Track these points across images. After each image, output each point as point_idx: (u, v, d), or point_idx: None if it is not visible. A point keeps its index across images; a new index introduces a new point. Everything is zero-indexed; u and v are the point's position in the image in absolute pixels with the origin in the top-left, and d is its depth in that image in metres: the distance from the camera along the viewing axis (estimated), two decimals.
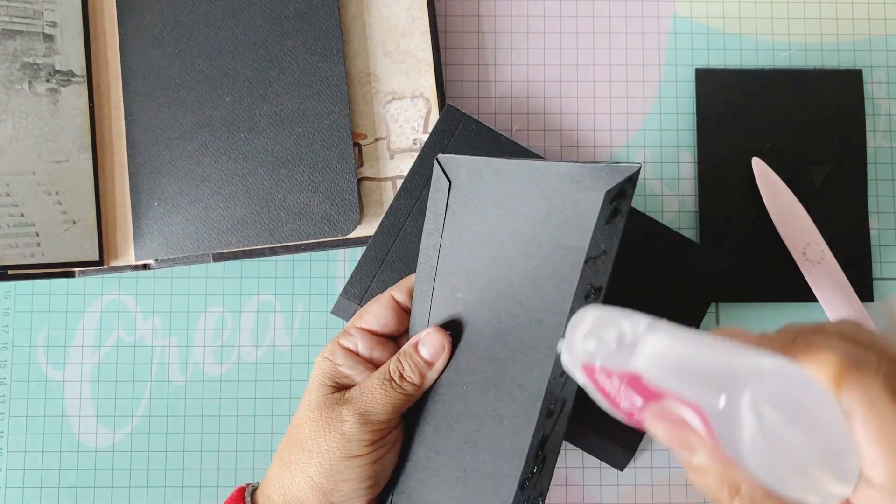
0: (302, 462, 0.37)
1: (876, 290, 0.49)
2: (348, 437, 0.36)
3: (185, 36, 0.49)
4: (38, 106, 0.47)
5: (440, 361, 0.37)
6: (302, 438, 0.37)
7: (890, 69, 0.51)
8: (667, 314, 0.47)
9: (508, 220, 0.37)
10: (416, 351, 0.37)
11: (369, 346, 0.39)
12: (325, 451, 0.36)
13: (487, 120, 0.50)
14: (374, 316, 0.40)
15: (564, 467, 0.48)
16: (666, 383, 0.26)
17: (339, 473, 0.36)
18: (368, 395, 0.37)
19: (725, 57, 0.51)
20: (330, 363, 0.39)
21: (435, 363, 0.37)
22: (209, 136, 0.48)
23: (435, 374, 0.38)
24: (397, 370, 0.37)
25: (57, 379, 0.49)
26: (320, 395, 0.38)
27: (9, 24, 0.47)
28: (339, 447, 0.36)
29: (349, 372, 0.38)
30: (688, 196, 0.50)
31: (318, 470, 0.36)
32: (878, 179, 0.50)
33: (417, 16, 0.49)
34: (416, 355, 0.37)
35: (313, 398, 0.38)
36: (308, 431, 0.37)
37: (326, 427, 0.37)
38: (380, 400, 0.36)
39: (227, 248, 0.48)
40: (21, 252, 0.46)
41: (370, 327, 0.40)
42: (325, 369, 0.39)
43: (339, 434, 0.36)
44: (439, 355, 0.37)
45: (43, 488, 0.48)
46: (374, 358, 0.39)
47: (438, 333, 0.37)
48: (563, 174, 0.35)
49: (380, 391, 0.37)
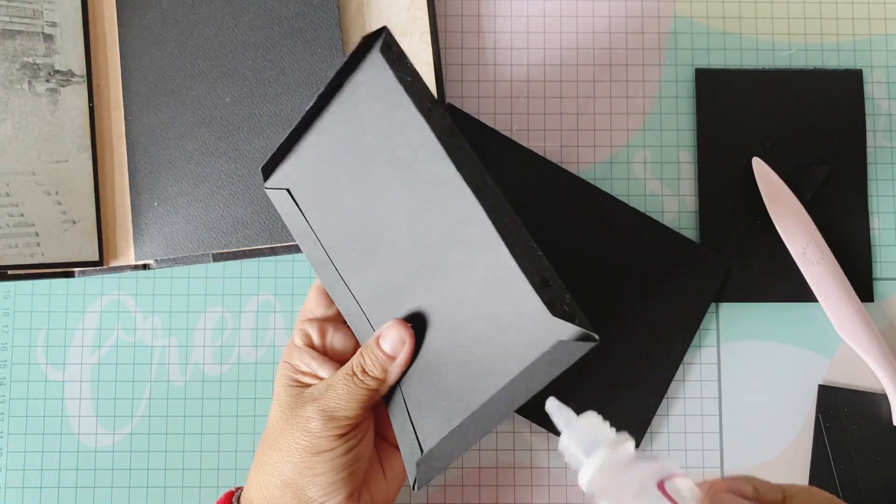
0: (274, 461, 0.37)
1: (876, 290, 0.49)
2: (315, 434, 0.36)
3: (185, 36, 0.49)
4: (37, 106, 0.47)
5: (402, 354, 0.36)
6: (274, 439, 0.38)
7: (890, 69, 0.51)
8: (667, 314, 0.48)
9: (364, 174, 0.37)
10: (377, 345, 0.37)
11: (322, 334, 0.40)
12: (294, 450, 0.36)
13: (487, 120, 0.50)
14: (315, 303, 0.40)
15: (564, 467, 0.48)
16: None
17: (310, 469, 0.36)
18: (332, 392, 0.37)
19: (725, 57, 0.51)
20: (288, 365, 0.39)
21: (397, 356, 0.36)
22: (209, 136, 0.48)
23: (398, 367, 0.37)
24: (359, 365, 0.37)
25: (57, 379, 0.49)
26: (288, 396, 0.38)
27: (9, 24, 0.47)
28: (308, 444, 0.36)
29: (307, 369, 0.39)
30: (688, 196, 0.50)
31: (291, 468, 0.36)
32: (878, 179, 0.50)
33: (417, 16, 0.49)
34: (377, 349, 0.37)
35: (282, 399, 0.38)
36: (279, 431, 0.37)
37: (294, 425, 0.37)
38: (343, 396, 0.36)
39: (227, 248, 0.48)
40: (21, 252, 0.46)
41: (316, 315, 0.40)
42: (285, 371, 0.39)
43: (305, 431, 0.36)
44: (400, 349, 0.36)
45: (43, 488, 0.48)
46: (332, 344, 0.40)
47: (398, 326, 0.36)
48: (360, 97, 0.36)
49: (343, 387, 0.37)
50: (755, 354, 0.48)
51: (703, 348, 0.49)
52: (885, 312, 0.49)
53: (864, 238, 0.49)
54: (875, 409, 0.47)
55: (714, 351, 0.49)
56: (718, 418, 0.48)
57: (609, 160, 0.50)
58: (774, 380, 0.48)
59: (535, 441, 0.48)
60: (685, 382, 0.48)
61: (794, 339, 0.49)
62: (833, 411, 0.47)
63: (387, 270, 0.37)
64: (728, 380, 0.48)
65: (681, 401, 0.48)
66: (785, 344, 0.49)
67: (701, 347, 0.49)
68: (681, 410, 0.48)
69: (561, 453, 0.30)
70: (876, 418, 0.47)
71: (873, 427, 0.47)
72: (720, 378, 0.48)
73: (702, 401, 0.48)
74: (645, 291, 0.48)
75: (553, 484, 0.48)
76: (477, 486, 0.48)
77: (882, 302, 0.49)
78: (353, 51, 0.35)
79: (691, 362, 0.48)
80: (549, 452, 0.48)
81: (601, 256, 0.48)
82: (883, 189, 0.50)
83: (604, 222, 0.48)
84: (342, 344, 0.40)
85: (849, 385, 0.48)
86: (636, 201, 0.50)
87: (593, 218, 0.48)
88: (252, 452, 0.48)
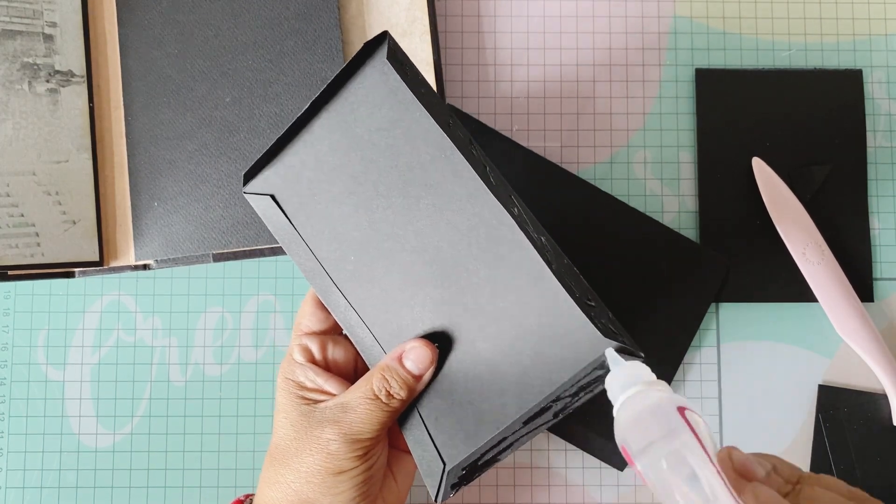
0: (291, 481, 0.36)
1: (876, 290, 0.49)
2: (336, 456, 0.35)
3: (185, 36, 0.49)
4: (37, 106, 0.47)
5: (428, 374, 0.36)
6: (288, 459, 0.37)
7: (890, 69, 0.51)
8: (667, 314, 0.48)
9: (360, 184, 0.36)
10: (401, 365, 0.36)
11: (322, 349, 0.39)
12: (314, 471, 0.36)
13: (487, 120, 0.50)
14: (310, 316, 0.39)
15: (564, 467, 0.48)
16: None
17: (332, 488, 0.36)
18: (353, 415, 0.36)
19: (725, 57, 0.51)
20: (292, 382, 0.38)
21: (423, 376, 0.36)
22: (209, 136, 0.48)
23: (423, 386, 0.36)
24: (383, 388, 0.35)
25: (57, 379, 0.49)
26: (299, 414, 0.37)
27: (9, 24, 0.47)
28: (330, 466, 0.36)
29: (313, 385, 0.38)
30: (688, 196, 0.50)
31: (311, 488, 0.36)
32: (878, 179, 0.50)
33: (417, 16, 0.49)
34: (402, 369, 0.36)
35: (293, 417, 0.37)
36: (294, 451, 0.36)
37: (312, 447, 0.36)
38: (365, 419, 0.35)
39: (227, 248, 0.48)
40: (21, 252, 0.46)
41: (313, 329, 0.39)
42: (290, 389, 0.38)
43: (326, 454, 0.36)
44: (427, 368, 0.35)
45: (43, 488, 0.48)
46: (334, 358, 0.39)
47: (423, 345, 0.35)
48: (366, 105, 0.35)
49: (364, 410, 0.36)
50: (755, 354, 0.49)
51: (703, 348, 0.49)
52: (885, 312, 0.49)
53: (864, 238, 0.49)
54: (875, 409, 0.47)
55: (714, 351, 0.49)
56: (718, 418, 0.48)
57: (609, 160, 0.50)
58: (774, 380, 0.48)
59: (536, 441, 0.48)
60: (685, 382, 0.48)
61: (794, 339, 0.49)
62: (833, 411, 0.47)
63: (390, 282, 0.37)
64: (728, 380, 0.48)
65: None
66: (785, 344, 0.49)
67: (701, 347, 0.49)
68: None
69: (606, 388, 0.31)
70: (876, 418, 0.47)
71: (873, 427, 0.47)
72: (720, 378, 0.48)
73: (702, 401, 0.48)
74: (645, 292, 0.48)
75: (553, 484, 0.48)
76: (477, 486, 0.48)
77: (882, 302, 0.49)
78: (352, 58, 0.35)
79: (691, 362, 0.49)
80: (549, 452, 0.48)
81: (601, 257, 0.48)
82: (883, 189, 0.50)
83: (604, 222, 0.48)
84: (343, 357, 0.40)
85: (849, 385, 0.48)
86: (636, 201, 0.50)
87: (593, 218, 0.48)
88: (252, 452, 0.48)
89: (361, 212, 0.37)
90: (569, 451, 0.48)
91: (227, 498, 0.47)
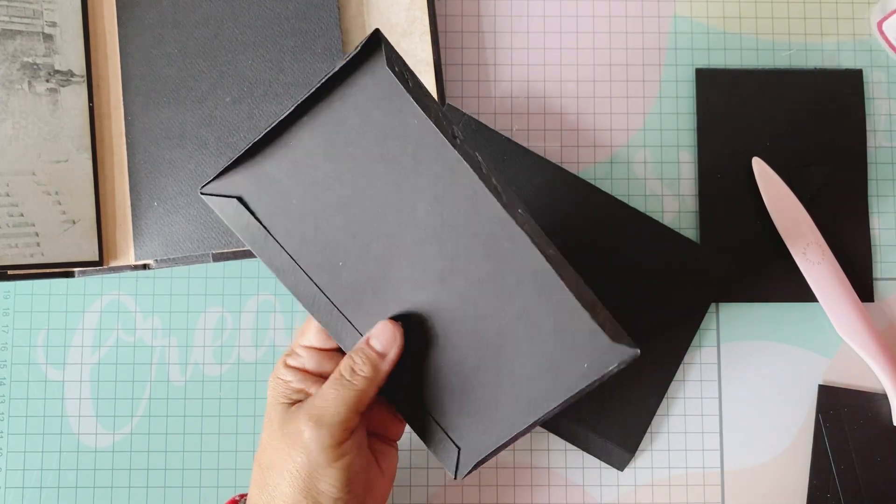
0: (275, 483, 0.37)
1: (876, 290, 0.49)
2: (309, 447, 0.35)
3: (185, 36, 0.49)
4: (37, 106, 0.47)
5: (392, 352, 0.36)
6: (272, 461, 0.37)
7: (890, 69, 0.51)
8: (667, 314, 0.48)
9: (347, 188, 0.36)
10: (367, 344, 0.37)
11: (317, 363, 0.39)
12: (294, 469, 0.36)
13: (487, 120, 0.50)
14: (316, 332, 0.39)
15: (564, 467, 0.48)
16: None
17: (314, 486, 0.36)
18: (320, 398, 0.36)
19: (725, 57, 0.51)
20: (282, 382, 0.38)
21: (388, 354, 0.36)
22: (209, 136, 0.48)
23: (388, 365, 0.37)
24: (348, 367, 0.37)
25: (57, 379, 0.49)
26: (278, 413, 0.37)
27: (8, 24, 0.47)
28: (305, 459, 0.36)
29: (301, 386, 0.38)
30: (688, 196, 0.50)
31: (294, 487, 0.36)
32: (878, 179, 0.50)
33: (417, 16, 0.49)
34: (368, 348, 0.37)
35: (273, 418, 0.38)
36: (275, 451, 0.37)
37: (289, 443, 0.36)
38: (332, 400, 0.36)
39: (227, 247, 0.48)
40: (21, 252, 0.46)
41: (314, 345, 0.39)
42: (279, 388, 0.38)
43: (301, 447, 0.36)
44: (391, 346, 0.36)
45: (43, 488, 0.48)
46: (326, 372, 0.39)
47: (389, 325, 0.36)
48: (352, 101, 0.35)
49: (330, 391, 0.36)
50: (755, 354, 0.49)
51: (703, 348, 0.49)
52: (885, 312, 0.49)
53: (864, 238, 0.49)
54: (875, 409, 0.47)
55: (714, 351, 0.49)
56: (718, 418, 0.48)
57: (609, 160, 0.50)
58: (774, 380, 0.48)
59: (536, 441, 0.48)
60: (685, 382, 0.48)
61: (794, 339, 0.49)
62: (833, 411, 0.47)
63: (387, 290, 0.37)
64: (728, 380, 0.48)
65: (681, 401, 0.48)
66: (785, 344, 0.49)
67: (701, 347, 0.49)
68: (681, 410, 0.48)
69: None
70: (876, 418, 0.47)
71: (873, 427, 0.47)
72: (720, 378, 0.48)
73: (702, 401, 0.48)
74: (645, 291, 0.48)
75: (553, 484, 0.48)
76: (477, 486, 0.48)
77: (882, 302, 0.49)
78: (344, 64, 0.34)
79: (691, 362, 0.48)
80: (549, 452, 0.48)
81: (601, 256, 0.48)
82: (883, 189, 0.50)
83: (604, 222, 0.48)
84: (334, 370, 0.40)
85: (849, 385, 0.48)
86: (636, 201, 0.50)
87: (593, 218, 0.48)
88: (252, 452, 0.48)
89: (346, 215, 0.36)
90: (569, 451, 0.48)
91: (226, 498, 0.47)
